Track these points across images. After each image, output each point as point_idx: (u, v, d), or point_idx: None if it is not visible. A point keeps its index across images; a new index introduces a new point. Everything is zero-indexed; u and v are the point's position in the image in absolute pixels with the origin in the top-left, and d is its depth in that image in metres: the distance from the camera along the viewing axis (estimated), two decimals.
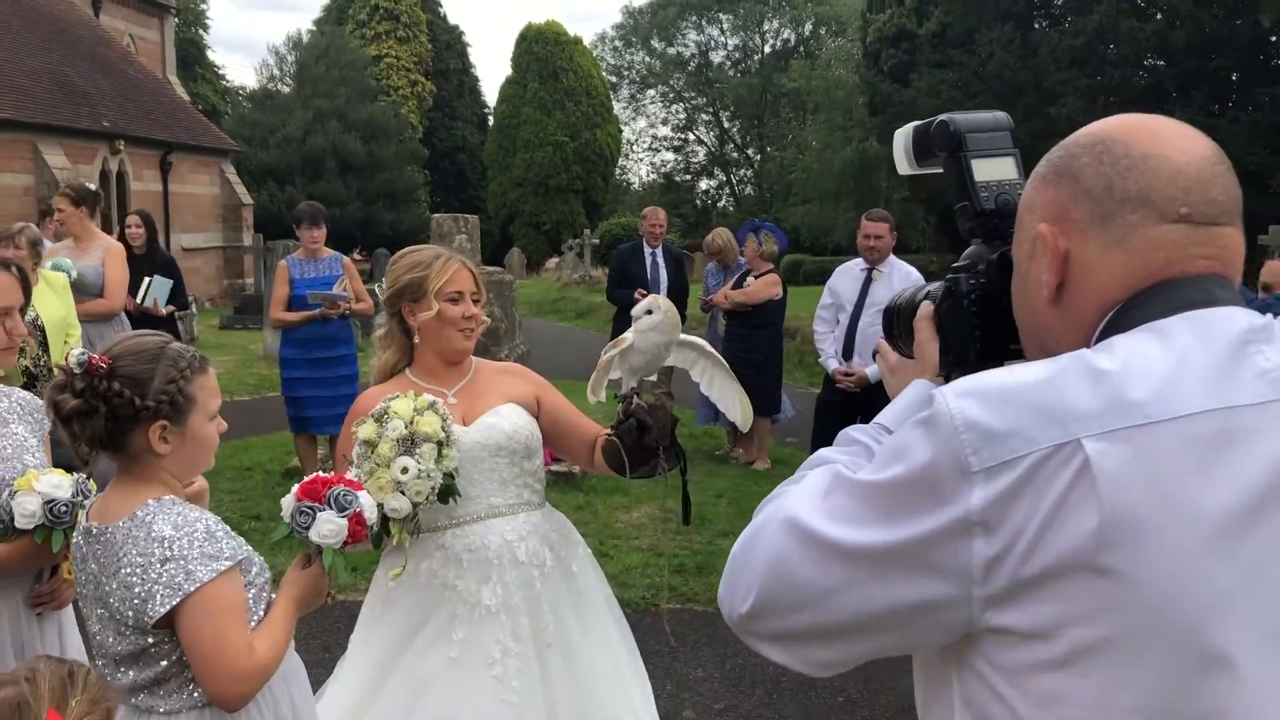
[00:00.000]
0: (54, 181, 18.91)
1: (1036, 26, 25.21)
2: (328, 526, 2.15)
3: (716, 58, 55.07)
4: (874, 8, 30.12)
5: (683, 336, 2.76)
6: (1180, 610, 0.97)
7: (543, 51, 40.06)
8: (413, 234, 35.62)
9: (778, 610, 1.14)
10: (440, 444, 2.53)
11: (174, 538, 1.94)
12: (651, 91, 55.99)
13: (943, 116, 1.36)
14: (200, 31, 43.98)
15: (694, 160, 56.40)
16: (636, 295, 8.30)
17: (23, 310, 2.52)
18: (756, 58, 54.37)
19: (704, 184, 56.58)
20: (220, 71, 46.37)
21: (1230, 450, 1.00)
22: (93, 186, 7.22)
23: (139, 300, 7.33)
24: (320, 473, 2.27)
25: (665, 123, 56.17)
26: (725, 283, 8.73)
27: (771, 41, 54.45)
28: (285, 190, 33.88)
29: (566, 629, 2.76)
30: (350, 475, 2.45)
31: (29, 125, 19.69)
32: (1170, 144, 1.13)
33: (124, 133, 22.65)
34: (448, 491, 2.59)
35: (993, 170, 1.34)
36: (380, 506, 2.44)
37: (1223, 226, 1.13)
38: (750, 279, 8.37)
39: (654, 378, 2.71)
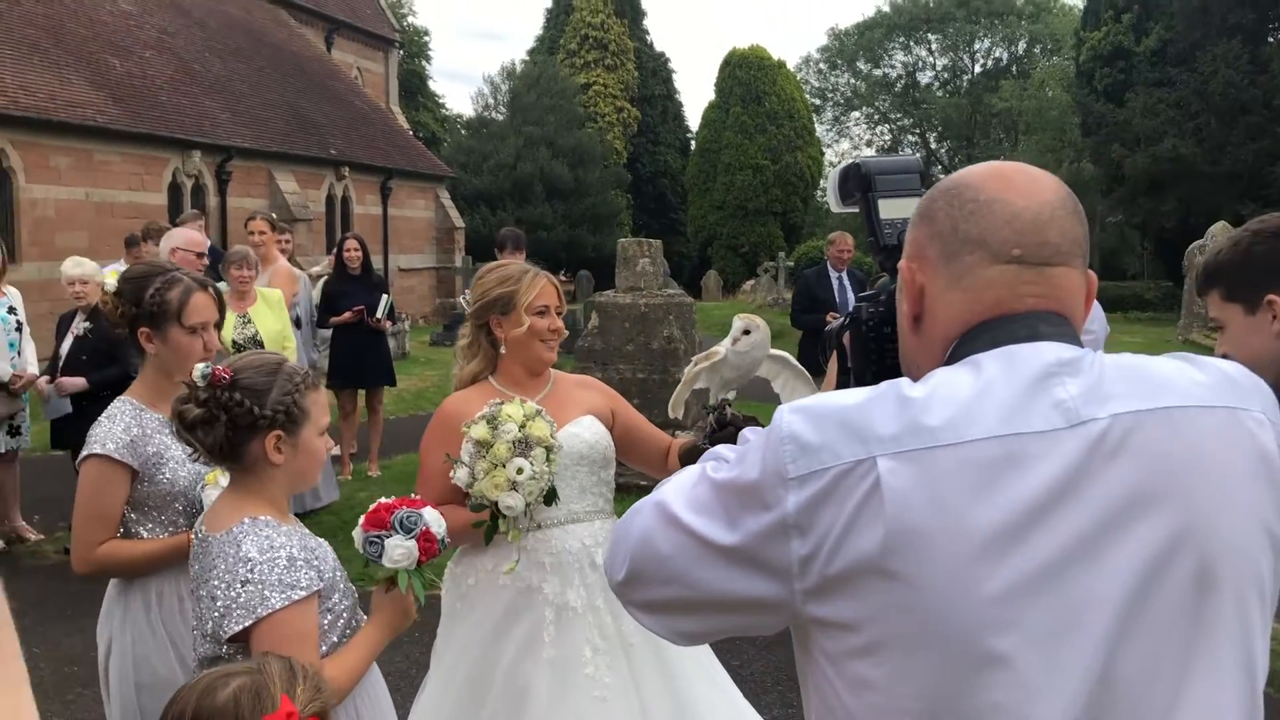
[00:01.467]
0: (285, 206, 20.46)
1: (1270, 41, 23.68)
2: (398, 551, 2.26)
3: (924, 78, 54.19)
4: (1089, 25, 29.00)
5: (771, 352, 2.85)
6: (954, 612, 1.07)
7: (746, 76, 40.36)
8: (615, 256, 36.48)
9: (645, 581, 1.27)
10: (548, 449, 2.66)
11: (257, 561, 2.04)
12: (856, 113, 55.57)
13: (858, 159, 1.51)
14: (423, 62, 46.45)
15: None
16: (829, 318, 8.41)
17: (218, 325, 2.85)
18: (966, 78, 53.14)
19: None
20: (440, 100, 48.76)
21: (1010, 473, 1.09)
22: (274, 217, 8.25)
23: (378, 315, 8.11)
24: (382, 499, 2.37)
25: (870, 144, 55.63)
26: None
27: (982, 61, 53.10)
28: (496, 214, 35.29)
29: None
30: (459, 474, 2.64)
31: (266, 154, 21.34)
32: (1016, 189, 1.22)
33: (349, 160, 24.23)
34: (553, 494, 2.71)
35: (896, 209, 1.48)
36: (495, 504, 2.61)
37: (1055, 266, 1.21)
38: None
39: (733, 394, 2.77)
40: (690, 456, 2.88)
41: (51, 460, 8.57)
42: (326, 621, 2.15)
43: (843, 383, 1.46)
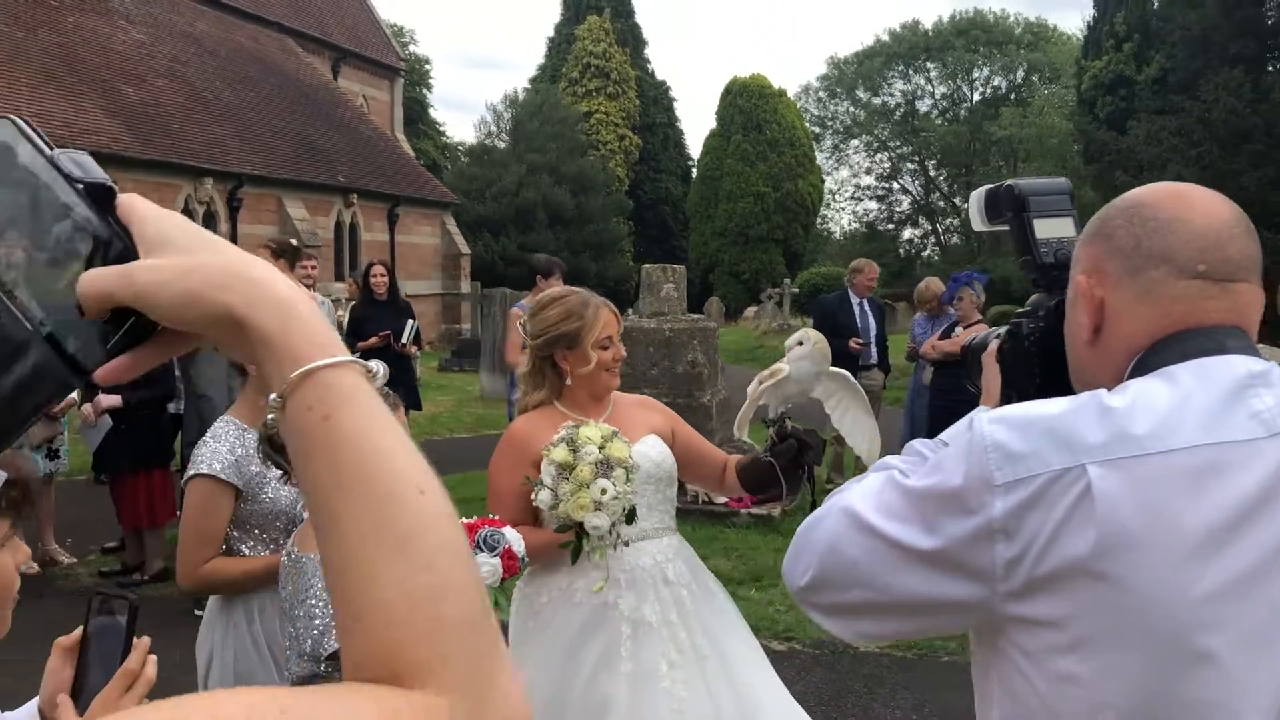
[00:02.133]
0: (295, 232, 20.55)
1: (1271, 70, 23.92)
2: (484, 568, 2.27)
3: (923, 106, 54.57)
4: (1090, 54, 29.28)
5: (830, 369, 2.92)
6: (1165, 611, 1.13)
7: (747, 104, 40.66)
8: (617, 283, 36.57)
9: (833, 586, 1.32)
10: (628, 469, 2.70)
11: None
12: (855, 141, 55.90)
13: (1009, 181, 1.57)
14: (424, 91, 46.79)
15: (898, 209, 55.90)
16: (853, 345, 8.48)
17: None
18: (965, 106, 53.52)
19: (907, 233, 55.93)
20: (441, 128, 49.09)
21: (1214, 480, 1.15)
22: (294, 242, 8.15)
23: (403, 340, 8.11)
24: (464, 519, 2.45)
25: (869, 172, 56.01)
26: (933, 333, 8.75)
27: (981, 89, 53.52)
28: (499, 241, 35.48)
29: (719, 642, 2.91)
30: (542, 496, 2.68)
31: (276, 180, 21.50)
32: (1195, 208, 1.29)
33: (357, 187, 24.38)
34: (633, 513, 2.75)
35: (1052, 229, 1.53)
36: (580, 524, 2.66)
37: (1238, 283, 1.27)
38: (959, 330, 8.36)
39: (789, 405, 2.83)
40: (748, 471, 2.94)
41: (84, 484, 8.60)
42: None
43: (1006, 397, 1.50)
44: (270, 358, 0.68)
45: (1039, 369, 1.47)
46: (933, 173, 54.57)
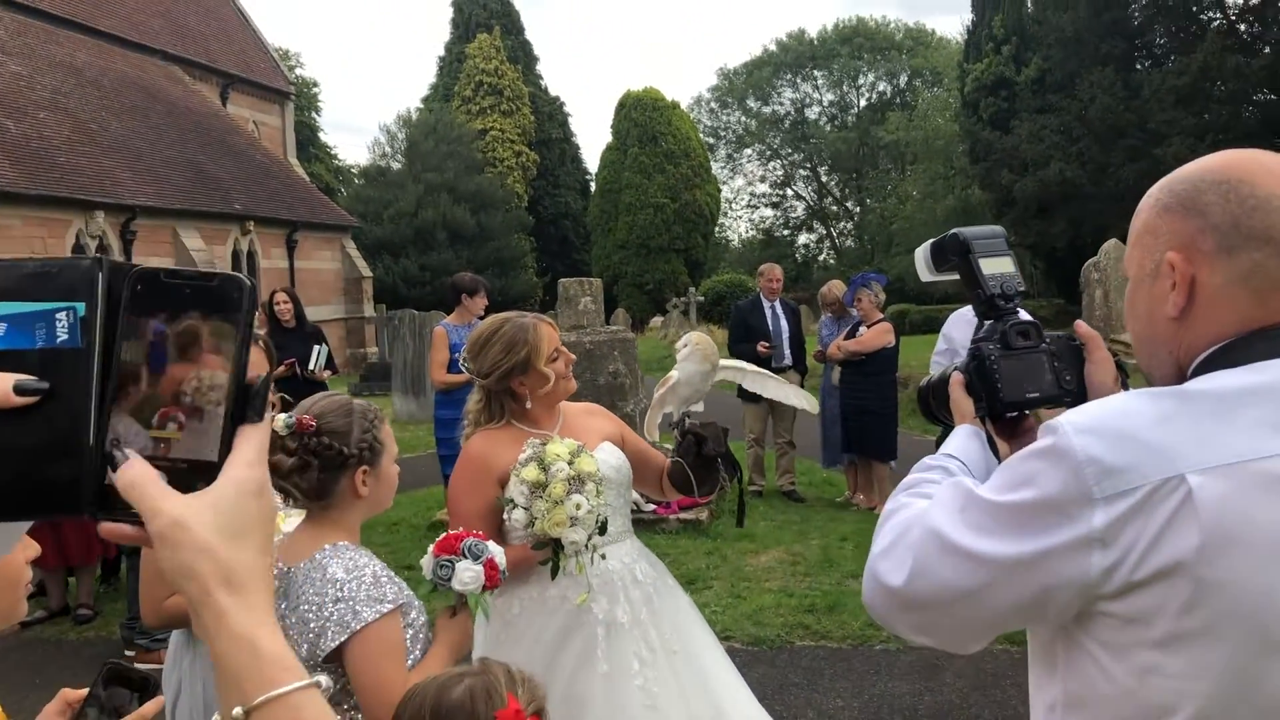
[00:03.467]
0: (191, 263, 20.10)
1: (1139, 68, 24.99)
2: (468, 574, 2.35)
3: (812, 114, 55.67)
4: (971, 57, 30.20)
5: (724, 363, 3.04)
6: (1258, 609, 1.16)
7: (641, 117, 40.95)
8: (521, 299, 36.54)
9: (926, 607, 1.33)
10: (597, 482, 2.79)
11: (345, 580, 2.14)
12: (749, 150, 56.74)
13: (954, 230, 1.74)
14: (314, 114, 46.14)
15: (793, 215, 56.92)
16: (760, 349, 8.64)
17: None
18: (853, 112, 54.75)
19: (803, 238, 57.03)
20: (332, 151, 48.44)
21: None
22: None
23: (310, 368, 8.02)
24: (449, 531, 2.49)
25: (763, 180, 57.04)
26: (839, 334, 8.96)
27: (867, 95, 54.80)
28: (399, 262, 35.12)
29: (685, 636, 3.03)
30: (515, 516, 2.77)
31: (170, 211, 21.01)
32: None
33: (253, 214, 23.96)
34: (605, 524, 2.84)
35: (996, 266, 1.69)
36: (557, 540, 2.75)
37: None
38: (863, 329, 8.60)
39: (700, 406, 2.99)
40: (671, 475, 3.07)
41: None
42: (408, 635, 2.24)
43: (980, 418, 1.64)
44: (222, 683, 0.75)
45: (1000, 385, 1.60)
46: (825, 179, 55.75)
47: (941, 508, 1.34)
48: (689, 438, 2.94)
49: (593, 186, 45.54)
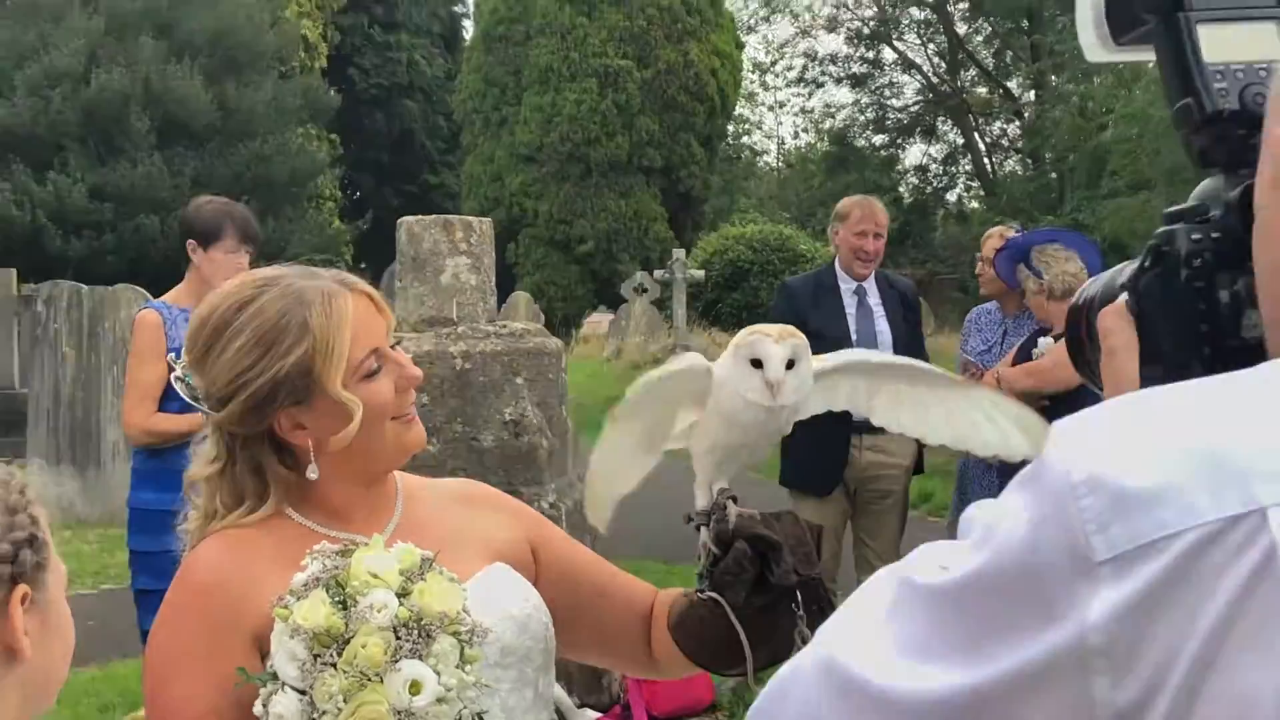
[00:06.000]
0: None
1: None
2: None
3: None
4: None
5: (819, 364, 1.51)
6: None
7: None
8: (316, 254, 20.43)
9: None
10: (461, 636, 1.37)
11: None
12: None
13: None
14: None
15: (895, 104, 32.57)
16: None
17: None
18: None
19: (915, 152, 31.44)
20: None
21: None
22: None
23: None
24: None
25: (834, 25, 31.66)
26: (1002, 341, 5.21)
27: None
28: (47, 181, 18.59)
29: None
30: (279, 704, 1.35)
31: None
32: None
33: None
34: None
35: (1233, 44, 0.93)
36: None
37: None
38: (1045, 341, 4.72)
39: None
40: (685, 626, 1.51)
41: None
42: None
43: (1148, 379, 0.94)
44: None
45: (1206, 322, 0.90)
46: (969, 25, 33.40)
47: (855, 614, 0.86)
48: (740, 547, 1.43)
49: (468, 31, 25.95)
